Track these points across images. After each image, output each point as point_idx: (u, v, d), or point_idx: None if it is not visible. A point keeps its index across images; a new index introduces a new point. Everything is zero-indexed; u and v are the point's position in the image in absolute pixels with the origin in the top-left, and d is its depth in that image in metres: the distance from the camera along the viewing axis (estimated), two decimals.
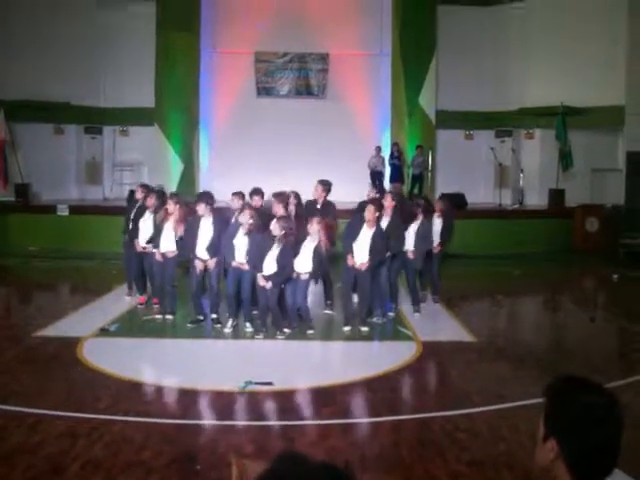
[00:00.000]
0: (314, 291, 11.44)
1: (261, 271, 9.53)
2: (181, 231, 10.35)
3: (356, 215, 10.38)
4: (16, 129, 20.39)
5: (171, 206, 10.43)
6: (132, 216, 11.49)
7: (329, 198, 11.35)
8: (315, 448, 5.92)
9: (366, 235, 9.79)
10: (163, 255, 10.47)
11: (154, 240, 10.68)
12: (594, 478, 2.04)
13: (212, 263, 10.14)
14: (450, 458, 5.76)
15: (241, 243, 9.77)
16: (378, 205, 10.03)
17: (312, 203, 11.36)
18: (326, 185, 11.35)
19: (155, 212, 10.96)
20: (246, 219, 9.69)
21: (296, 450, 1.47)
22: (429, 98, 21.11)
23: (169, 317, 10.59)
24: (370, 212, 9.74)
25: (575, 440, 2.03)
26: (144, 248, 11.10)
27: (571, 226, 18.43)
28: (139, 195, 11.74)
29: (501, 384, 7.86)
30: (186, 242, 10.27)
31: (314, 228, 9.74)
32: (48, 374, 8.22)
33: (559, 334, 11.09)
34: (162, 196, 11.37)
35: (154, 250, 10.63)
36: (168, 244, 10.47)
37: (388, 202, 10.48)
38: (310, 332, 9.86)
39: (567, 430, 2.04)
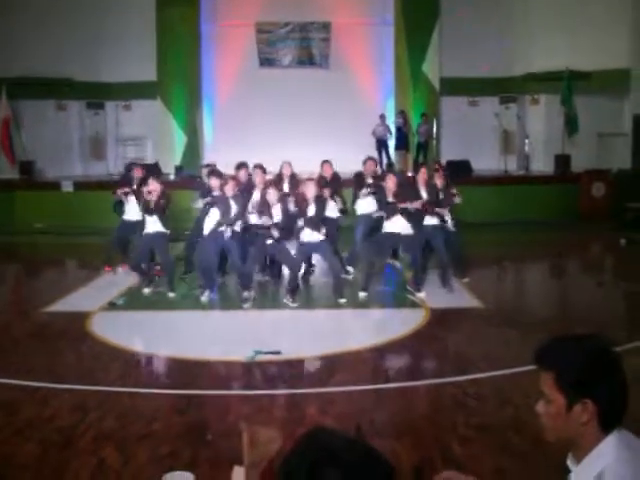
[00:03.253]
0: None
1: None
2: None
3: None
4: (18, 106, 20.35)
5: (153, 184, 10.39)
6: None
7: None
8: (324, 415, 5.95)
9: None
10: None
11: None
12: (616, 424, 2.05)
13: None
14: (459, 423, 5.78)
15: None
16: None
17: (323, 178, 11.59)
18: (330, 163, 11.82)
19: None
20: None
21: (323, 425, 1.46)
22: (433, 65, 20.99)
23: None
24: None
25: (606, 390, 2.02)
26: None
27: (577, 191, 18.31)
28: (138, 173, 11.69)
29: (509, 349, 7.88)
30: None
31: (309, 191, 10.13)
32: (58, 349, 8.26)
33: (566, 299, 11.08)
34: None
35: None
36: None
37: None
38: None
39: (599, 383, 2.02)
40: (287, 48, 22.21)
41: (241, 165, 11.59)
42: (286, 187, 11.44)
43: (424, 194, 10.25)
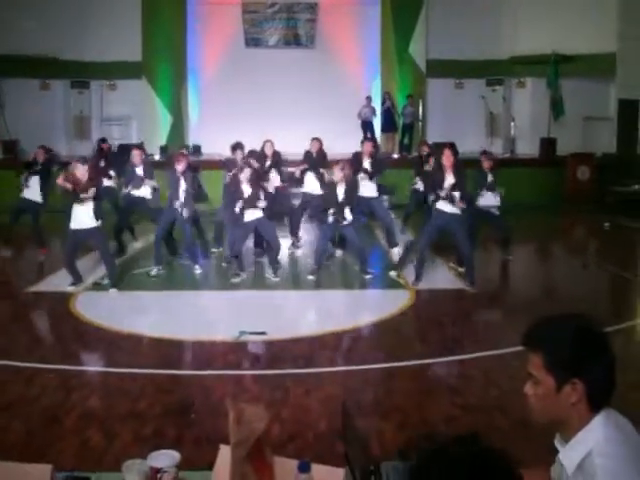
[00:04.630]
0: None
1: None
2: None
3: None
4: (1, 85, 20.13)
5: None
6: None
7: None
8: (310, 396, 5.96)
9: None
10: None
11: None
12: (605, 404, 2.05)
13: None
14: (444, 403, 5.81)
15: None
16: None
17: (309, 153, 12.39)
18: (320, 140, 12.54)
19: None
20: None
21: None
22: (419, 47, 20.92)
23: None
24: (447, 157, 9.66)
25: (595, 370, 2.02)
26: None
27: (562, 175, 18.36)
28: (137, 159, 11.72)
29: (494, 331, 7.93)
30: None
31: (339, 175, 10.26)
32: (42, 329, 8.25)
33: (552, 282, 11.12)
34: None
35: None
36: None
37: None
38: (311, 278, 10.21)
39: (587, 362, 2.02)
40: (273, 28, 22.04)
41: (237, 146, 11.85)
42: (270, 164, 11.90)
43: (451, 178, 9.96)
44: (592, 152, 18.89)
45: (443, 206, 9.44)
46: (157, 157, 18.68)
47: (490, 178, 11.09)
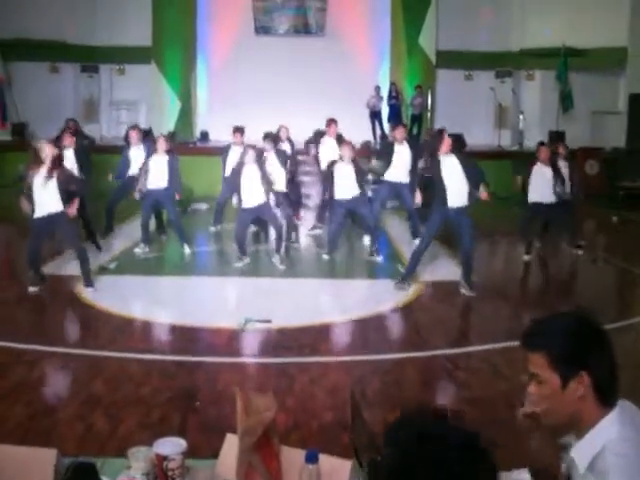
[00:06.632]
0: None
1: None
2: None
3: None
4: (11, 68, 20.16)
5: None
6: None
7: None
8: (315, 385, 5.94)
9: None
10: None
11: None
12: (614, 397, 2.03)
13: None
14: (450, 396, 5.80)
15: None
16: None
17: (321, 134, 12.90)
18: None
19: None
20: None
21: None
22: (429, 38, 20.86)
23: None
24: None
25: (599, 359, 2.01)
26: None
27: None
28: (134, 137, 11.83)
29: (501, 323, 7.89)
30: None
31: (348, 153, 10.44)
32: (47, 312, 8.24)
33: (559, 275, 11.08)
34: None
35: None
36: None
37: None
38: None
39: (590, 352, 2.00)
40: (283, 16, 21.97)
41: (237, 129, 12.52)
42: (287, 149, 12.20)
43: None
44: (601, 146, 18.82)
45: (451, 200, 8.80)
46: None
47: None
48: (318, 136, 13.24)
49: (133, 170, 11.54)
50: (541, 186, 10.70)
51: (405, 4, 20.59)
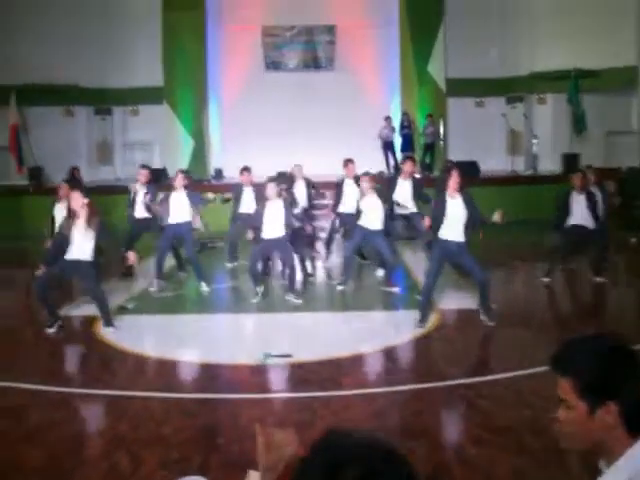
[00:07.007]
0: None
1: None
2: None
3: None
4: (26, 113, 20.44)
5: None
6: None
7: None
8: (337, 418, 5.90)
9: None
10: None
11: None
12: None
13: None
14: (473, 425, 5.72)
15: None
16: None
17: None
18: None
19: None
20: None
21: (340, 427, 1.38)
22: (438, 66, 20.96)
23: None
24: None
25: (628, 390, 1.96)
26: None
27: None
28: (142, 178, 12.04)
29: (522, 350, 7.81)
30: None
31: (367, 185, 10.58)
32: (68, 353, 8.25)
33: (580, 298, 11.00)
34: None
35: None
36: None
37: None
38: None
39: (619, 384, 1.96)
40: (293, 51, 22.21)
41: (244, 169, 12.62)
42: (302, 189, 12.14)
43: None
44: (616, 167, 18.75)
45: (445, 234, 8.79)
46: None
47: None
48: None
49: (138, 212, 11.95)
50: (581, 213, 10.86)
51: (413, 34, 20.72)
